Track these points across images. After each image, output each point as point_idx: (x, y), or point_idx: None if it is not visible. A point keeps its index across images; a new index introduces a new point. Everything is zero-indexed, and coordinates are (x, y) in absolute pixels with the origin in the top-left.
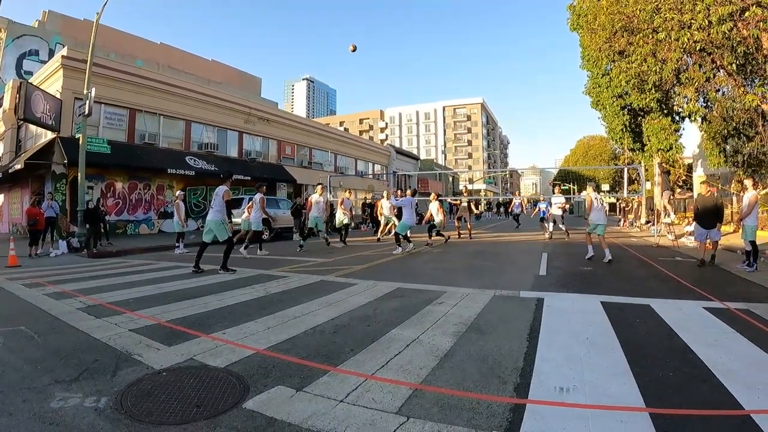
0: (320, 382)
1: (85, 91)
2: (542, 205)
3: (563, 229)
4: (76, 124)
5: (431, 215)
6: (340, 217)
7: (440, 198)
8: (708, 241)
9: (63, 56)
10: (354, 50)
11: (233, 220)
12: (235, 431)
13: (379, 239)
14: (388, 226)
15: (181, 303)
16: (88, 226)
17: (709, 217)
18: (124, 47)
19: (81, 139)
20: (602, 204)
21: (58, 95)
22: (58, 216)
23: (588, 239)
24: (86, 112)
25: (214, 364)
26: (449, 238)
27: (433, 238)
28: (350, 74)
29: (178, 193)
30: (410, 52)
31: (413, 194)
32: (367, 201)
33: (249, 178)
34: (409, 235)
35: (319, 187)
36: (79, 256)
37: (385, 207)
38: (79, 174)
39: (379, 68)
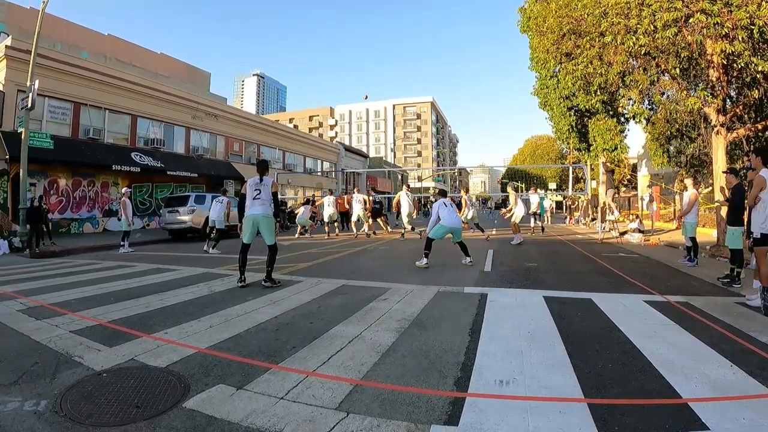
0: (261, 379)
1: (28, 83)
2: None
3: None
4: (18, 117)
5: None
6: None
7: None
8: None
9: (7, 46)
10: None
11: (179, 218)
12: (174, 431)
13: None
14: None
15: (124, 303)
16: (29, 225)
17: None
18: (71, 38)
19: (23, 133)
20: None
21: (0, 87)
22: None
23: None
24: (29, 105)
25: (154, 364)
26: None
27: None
28: (301, 71)
29: (124, 190)
30: (363, 50)
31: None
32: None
33: (196, 175)
34: None
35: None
36: (21, 257)
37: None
38: (21, 170)
39: (330, 65)
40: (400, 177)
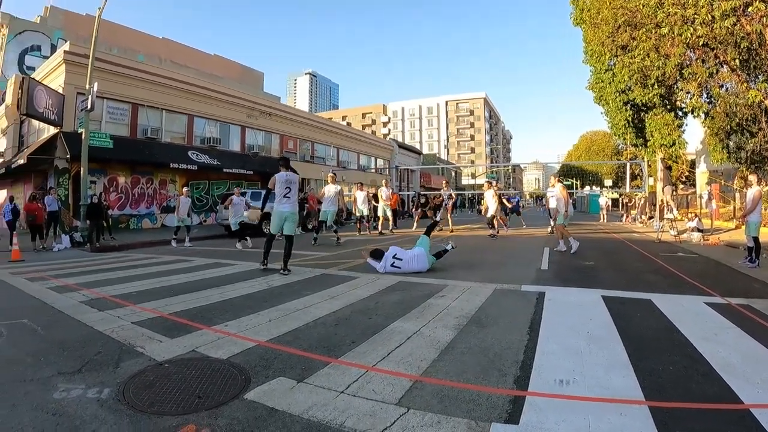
0: (321, 373)
1: (87, 86)
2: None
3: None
4: (78, 118)
5: (487, 206)
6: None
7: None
8: None
9: (65, 51)
10: None
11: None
12: (236, 421)
13: (381, 233)
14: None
15: (184, 296)
16: (90, 221)
17: None
18: (126, 42)
19: (83, 133)
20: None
21: (60, 90)
22: (61, 210)
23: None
24: (88, 107)
25: (215, 355)
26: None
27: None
28: (353, 69)
29: (184, 189)
30: (414, 47)
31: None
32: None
33: (251, 172)
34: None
35: (330, 176)
36: (82, 251)
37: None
38: (81, 169)
39: (382, 63)
40: (453, 174)
